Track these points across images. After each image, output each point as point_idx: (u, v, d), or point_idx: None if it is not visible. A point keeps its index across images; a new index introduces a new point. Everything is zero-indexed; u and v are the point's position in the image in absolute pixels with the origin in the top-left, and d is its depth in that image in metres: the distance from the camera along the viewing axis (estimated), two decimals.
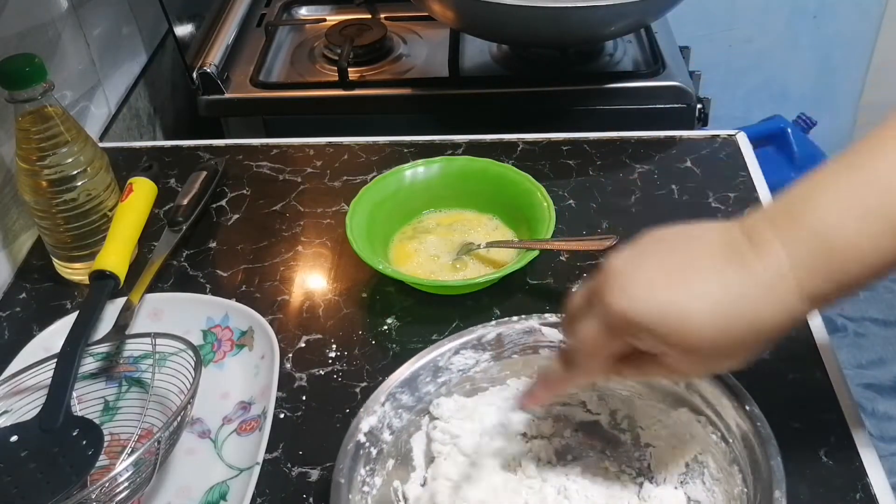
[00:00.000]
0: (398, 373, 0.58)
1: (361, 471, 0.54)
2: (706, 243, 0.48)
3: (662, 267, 0.47)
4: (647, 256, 0.48)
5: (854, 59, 1.83)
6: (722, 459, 0.54)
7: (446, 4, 1.04)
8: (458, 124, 1.01)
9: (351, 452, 0.54)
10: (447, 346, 0.60)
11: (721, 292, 0.45)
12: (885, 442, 1.64)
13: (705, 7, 1.73)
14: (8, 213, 0.82)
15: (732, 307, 0.45)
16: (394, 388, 0.58)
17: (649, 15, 1.06)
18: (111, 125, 1.02)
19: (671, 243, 0.49)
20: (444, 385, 0.60)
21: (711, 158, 0.90)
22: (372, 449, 0.56)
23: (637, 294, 0.46)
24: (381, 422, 0.57)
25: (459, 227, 0.81)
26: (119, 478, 0.55)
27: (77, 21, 0.95)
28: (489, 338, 0.61)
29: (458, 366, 0.60)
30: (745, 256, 0.46)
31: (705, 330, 0.45)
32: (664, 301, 0.46)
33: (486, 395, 0.61)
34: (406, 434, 0.58)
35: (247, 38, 1.24)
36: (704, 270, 0.46)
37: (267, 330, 0.69)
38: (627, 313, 0.46)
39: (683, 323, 0.45)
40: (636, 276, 0.47)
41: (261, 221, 0.85)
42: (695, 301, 0.45)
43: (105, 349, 0.69)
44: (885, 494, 0.58)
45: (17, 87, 0.69)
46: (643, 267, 0.47)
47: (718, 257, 0.46)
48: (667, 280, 0.46)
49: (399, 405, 0.58)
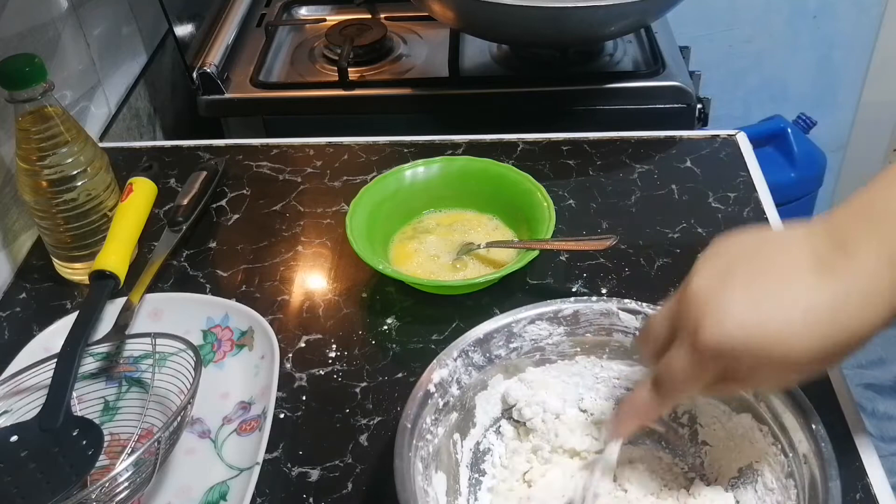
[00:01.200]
0: (472, 332, 0.60)
1: (427, 419, 0.55)
2: (791, 254, 0.46)
3: (750, 285, 0.45)
4: (730, 275, 0.46)
5: (854, 59, 1.83)
6: (779, 471, 0.54)
7: (446, 4, 1.04)
8: (458, 124, 1.02)
9: (420, 400, 0.55)
10: (524, 314, 0.61)
11: (818, 305, 0.43)
12: (885, 442, 1.64)
13: (705, 7, 1.73)
14: (8, 213, 0.82)
15: (832, 319, 0.43)
16: (467, 345, 0.59)
17: (649, 15, 1.06)
18: (111, 125, 1.02)
19: (752, 256, 0.46)
20: (515, 351, 0.61)
21: (711, 158, 0.90)
22: (440, 400, 0.57)
23: (730, 321, 0.44)
24: (451, 375, 0.58)
25: (459, 227, 0.81)
26: (119, 478, 0.55)
27: (77, 21, 0.95)
28: (566, 313, 0.61)
29: (532, 335, 0.61)
30: (836, 264, 0.44)
31: (806, 346, 0.44)
32: (760, 323, 0.44)
33: (553, 368, 0.62)
34: (472, 391, 0.60)
35: (247, 38, 1.24)
36: (796, 284, 0.44)
37: (267, 330, 0.69)
38: (723, 343, 0.44)
39: (784, 343, 0.44)
40: (724, 300, 0.45)
41: (261, 221, 0.85)
42: (793, 319, 0.44)
43: (105, 349, 0.69)
44: (885, 494, 0.58)
45: (17, 87, 0.69)
46: (729, 288, 0.45)
47: (807, 268, 0.44)
48: (758, 299, 0.44)
49: (470, 363, 0.59)
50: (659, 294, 0.74)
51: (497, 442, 0.61)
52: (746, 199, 0.84)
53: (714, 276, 0.46)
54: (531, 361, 0.62)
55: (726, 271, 0.46)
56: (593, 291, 0.75)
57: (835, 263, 0.44)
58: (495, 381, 0.61)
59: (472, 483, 0.59)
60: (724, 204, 0.84)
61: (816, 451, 0.51)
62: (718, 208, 0.83)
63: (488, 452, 0.60)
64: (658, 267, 0.77)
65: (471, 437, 0.60)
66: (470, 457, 0.59)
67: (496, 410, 0.61)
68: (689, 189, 0.86)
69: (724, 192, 0.85)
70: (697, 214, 0.82)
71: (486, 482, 0.59)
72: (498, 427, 0.61)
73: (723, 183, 0.86)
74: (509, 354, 0.61)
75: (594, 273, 0.76)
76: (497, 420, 0.61)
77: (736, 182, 0.86)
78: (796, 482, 0.52)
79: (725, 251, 0.48)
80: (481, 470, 0.60)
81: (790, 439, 0.53)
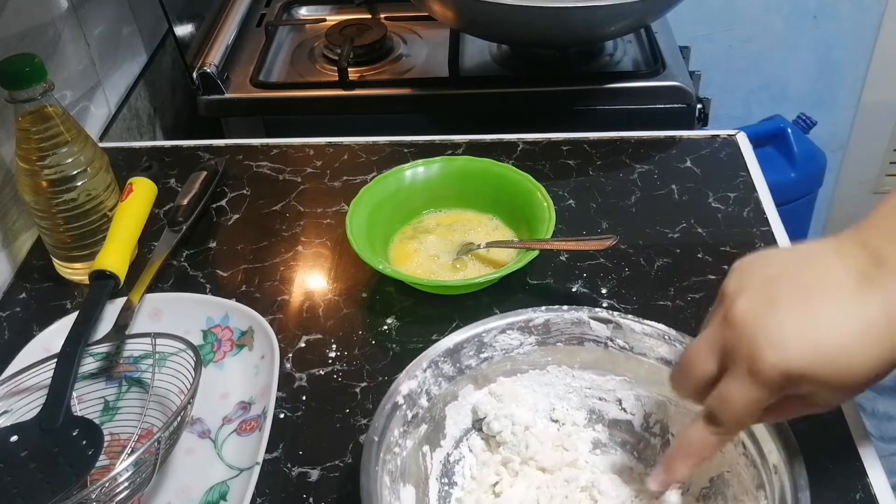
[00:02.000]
0: (442, 342, 0.59)
1: (395, 431, 0.55)
2: (831, 273, 0.45)
3: (799, 307, 0.44)
4: (776, 298, 0.45)
5: (854, 59, 1.83)
6: (749, 482, 0.53)
7: (446, 4, 1.04)
8: (458, 124, 1.02)
9: (387, 412, 0.55)
10: (494, 323, 0.60)
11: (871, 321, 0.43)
12: (885, 442, 1.64)
13: (705, 7, 1.73)
14: (8, 213, 0.82)
15: (886, 334, 0.43)
16: (437, 355, 0.58)
17: (649, 15, 1.06)
18: (111, 125, 1.02)
19: (791, 277, 0.45)
20: (486, 361, 0.60)
21: (711, 158, 0.90)
22: (408, 412, 0.56)
23: (790, 345, 0.43)
24: (420, 387, 0.57)
25: (459, 227, 0.81)
26: (119, 478, 0.55)
27: (77, 21, 0.95)
28: (537, 322, 0.61)
29: (503, 345, 0.61)
30: (876, 280, 0.44)
31: (865, 362, 0.43)
32: (819, 344, 0.43)
33: (524, 378, 0.62)
34: (442, 402, 0.59)
35: (247, 38, 1.24)
36: (845, 303, 0.44)
37: (267, 330, 0.69)
38: (786, 368, 0.43)
39: (845, 361, 0.43)
40: (777, 325, 0.44)
41: (261, 221, 0.85)
42: (850, 337, 0.43)
43: (105, 349, 0.69)
44: (885, 494, 0.58)
45: (17, 87, 0.69)
46: (778, 311, 0.44)
47: (851, 286, 0.44)
48: (812, 320, 0.43)
49: (440, 374, 0.59)
50: (659, 294, 0.74)
51: (468, 453, 0.60)
52: (746, 199, 0.84)
53: (758, 301, 0.45)
54: (502, 371, 0.61)
55: (769, 293, 0.45)
56: (593, 291, 0.75)
57: (876, 279, 0.44)
58: (465, 391, 0.60)
59: (442, 495, 0.58)
60: (724, 204, 0.84)
61: (787, 462, 0.51)
62: (718, 208, 0.83)
63: (459, 463, 0.60)
64: (658, 267, 0.77)
65: (441, 450, 0.59)
66: (440, 469, 0.58)
67: (466, 422, 0.61)
68: (689, 189, 0.86)
69: (724, 192, 0.85)
70: (697, 214, 0.82)
71: (455, 494, 0.58)
72: (468, 439, 0.61)
73: (723, 183, 0.86)
74: (480, 364, 0.60)
75: (594, 273, 0.76)
76: (467, 431, 0.61)
77: (736, 182, 0.86)
78: (766, 493, 0.52)
79: (758, 272, 0.47)
80: (452, 482, 0.59)
81: (760, 449, 0.53)
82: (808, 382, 0.44)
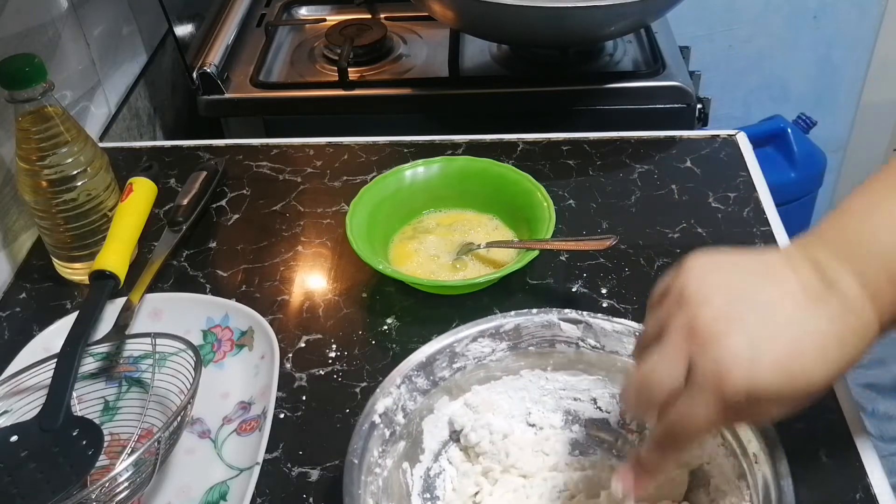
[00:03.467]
0: (415, 355, 0.59)
1: (375, 451, 0.54)
2: (786, 284, 0.46)
3: (759, 322, 0.45)
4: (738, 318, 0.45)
5: (854, 59, 1.83)
6: (730, 472, 0.54)
7: (446, 4, 1.04)
8: (458, 124, 1.02)
9: (365, 433, 0.54)
10: (465, 332, 0.60)
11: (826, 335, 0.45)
12: (885, 442, 1.64)
13: (705, 7, 1.73)
14: (8, 213, 0.82)
15: (840, 346, 0.45)
16: (410, 370, 0.58)
17: (649, 15, 1.06)
18: (111, 125, 1.02)
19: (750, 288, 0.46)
20: (460, 371, 0.60)
21: (711, 158, 0.90)
22: (385, 430, 0.56)
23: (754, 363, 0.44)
24: (395, 403, 0.57)
25: (459, 227, 0.81)
26: (119, 478, 0.55)
27: (77, 21, 0.95)
28: (507, 328, 0.61)
29: (475, 353, 0.60)
30: (826, 297, 0.45)
31: (823, 375, 0.45)
32: (782, 361, 0.44)
33: (498, 385, 0.61)
34: (419, 417, 0.59)
35: (247, 38, 1.24)
36: (800, 318, 0.45)
37: (267, 330, 0.69)
38: (751, 386, 0.44)
39: (807, 376, 0.44)
40: (740, 343, 0.44)
41: (261, 221, 0.85)
42: (809, 354, 0.44)
43: (105, 349, 0.69)
44: (885, 494, 0.58)
45: (17, 87, 0.69)
46: (741, 330, 0.44)
47: (804, 301, 0.45)
48: (772, 337, 0.44)
49: (414, 388, 0.58)
50: None
51: (447, 466, 0.60)
52: (746, 199, 0.84)
53: (723, 316, 0.45)
54: (476, 380, 0.61)
55: (733, 310, 0.45)
56: (593, 291, 0.75)
57: (825, 296, 0.45)
58: (441, 403, 0.60)
59: None
60: (724, 204, 0.84)
61: (766, 450, 0.51)
62: (718, 208, 0.83)
63: (439, 477, 0.59)
64: (658, 267, 0.77)
65: (420, 465, 0.59)
66: (421, 484, 0.58)
67: (444, 434, 0.60)
68: (689, 189, 0.86)
69: (724, 192, 0.85)
70: (697, 214, 0.82)
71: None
72: (447, 451, 0.60)
73: (723, 183, 0.86)
74: (453, 375, 0.60)
75: (594, 273, 0.76)
76: (445, 444, 0.60)
77: (736, 182, 0.86)
78: (748, 482, 0.52)
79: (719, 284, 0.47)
80: (434, 496, 0.58)
81: (739, 440, 0.53)
82: (769, 400, 0.45)
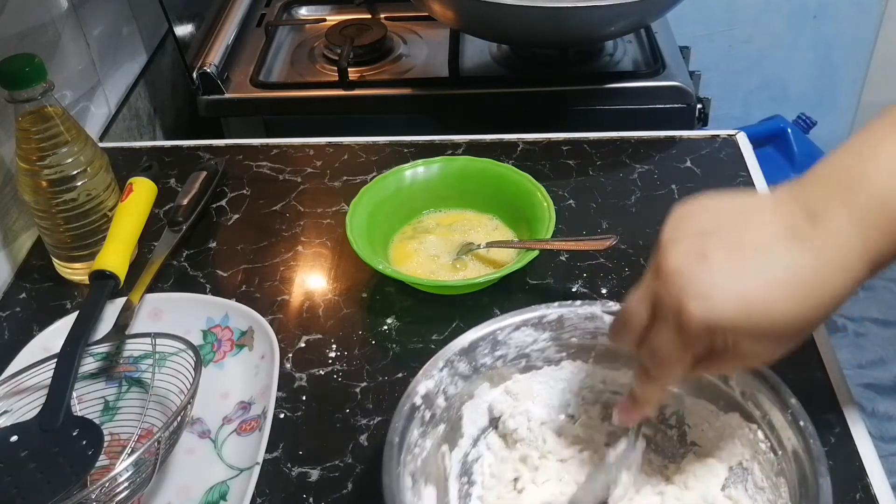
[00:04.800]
0: (458, 340, 0.59)
1: (415, 432, 0.54)
2: (765, 225, 0.46)
3: (728, 258, 0.45)
4: (707, 249, 0.45)
5: (854, 59, 1.83)
6: (769, 469, 0.54)
7: (446, 4, 1.04)
8: (458, 124, 1.02)
9: (406, 413, 0.54)
10: (508, 321, 0.60)
11: (797, 272, 0.44)
12: (885, 442, 1.64)
13: (705, 7, 1.74)
14: (8, 213, 0.82)
15: (812, 284, 0.44)
16: (452, 355, 0.58)
17: (649, 15, 1.06)
18: (111, 125, 1.02)
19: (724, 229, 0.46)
20: (501, 359, 0.60)
21: (711, 158, 0.90)
22: (426, 412, 0.56)
23: (712, 294, 0.44)
24: (437, 386, 0.57)
25: (459, 227, 0.81)
26: (119, 478, 0.55)
27: (77, 21, 0.95)
28: (550, 318, 0.60)
29: (517, 342, 0.60)
30: (809, 233, 0.45)
31: (790, 311, 0.44)
32: (744, 294, 0.44)
33: (539, 374, 0.62)
34: (459, 401, 0.59)
35: (247, 38, 1.24)
36: (774, 254, 0.44)
37: (267, 330, 0.69)
38: (710, 318, 0.44)
39: (767, 313, 0.44)
40: (705, 276, 0.44)
41: (261, 221, 0.85)
42: (775, 287, 0.44)
43: (105, 349, 0.69)
44: (885, 494, 0.58)
45: (17, 87, 0.69)
46: (708, 263, 0.45)
47: (782, 238, 0.45)
48: (739, 271, 0.44)
49: (455, 372, 0.58)
50: None
51: (486, 452, 0.60)
52: None
53: (690, 253, 0.46)
54: (517, 368, 0.61)
55: (701, 246, 0.46)
56: (593, 291, 0.75)
57: (808, 232, 0.45)
58: (481, 390, 0.60)
59: (463, 495, 0.58)
60: None
61: (805, 448, 0.51)
62: None
63: (477, 462, 0.60)
64: None
65: (459, 448, 0.59)
66: (459, 468, 0.58)
67: (483, 420, 0.61)
68: (689, 189, 0.86)
69: None
70: None
71: (475, 492, 0.58)
72: (486, 437, 0.61)
73: (723, 183, 0.86)
74: (495, 363, 0.60)
75: (594, 273, 0.76)
76: (485, 430, 0.61)
77: (736, 182, 0.86)
78: (787, 479, 0.52)
79: (693, 223, 0.47)
80: (472, 481, 0.59)
81: (778, 437, 0.53)
82: (732, 333, 0.44)
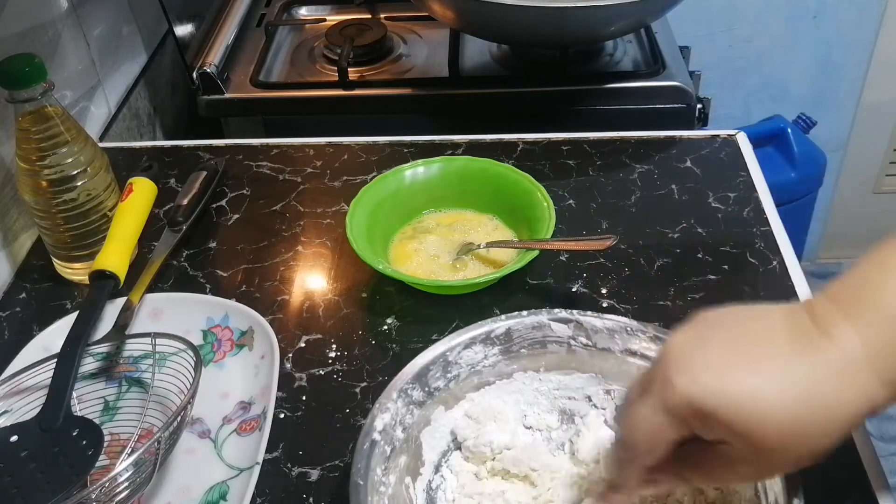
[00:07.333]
0: (409, 368, 0.58)
1: (378, 470, 0.54)
2: (771, 327, 0.45)
3: (728, 348, 0.44)
4: (710, 338, 0.45)
5: (854, 59, 1.83)
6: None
7: (446, 4, 1.04)
8: (458, 124, 1.02)
9: (367, 452, 0.54)
10: (456, 340, 0.60)
11: (793, 378, 0.42)
12: (885, 442, 1.64)
13: (705, 7, 1.73)
14: (8, 213, 0.82)
15: (806, 393, 0.42)
16: (404, 384, 0.58)
17: (649, 15, 1.06)
18: (111, 125, 1.02)
19: (732, 325, 0.46)
20: (454, 379, 0.60)
21: (711, 158, 0.90)
22: (386, 447, 0.56)
23: (703, 374, 0.43)
24: (393, 419, 0.57)
25: (459, 227, 0.81)
26: (119, 478, 0.55)
27: (77, 21, 0.95)
28: (498, 332, 0.61)
29: (468, 360, 0.60)
30: (814, 342, 0.43)
31: (779, 416, 0.42)
32: (733, 382, 0.42)
33: (492, 390, 0.61)
34: (416, 430, 0.58)
35: (247, 38, 1.24)
36: (773, 354, 0.43)
37: (267, 330, 0.69)
38: (692, 394, 0.43)
39: (756, 407, 0.42)
40: (700, 356, 0.44)
41: (261, 221, 0.85)
42: (767, 385, 0.42)
43: (105, 349, 0.69)
44: (885, 494, 0.58)
45: (17, 87, 0.69)
46: (707, 347, 0.45)
47: (785, 342, 0.44)
48: (734, 362, 0.43)
49: (410, 401, 0.58)
50: (659, 294, 0.74)
51: (449, 475, 0.60)
52: (746, 199, 0.84)
53: (691, 339, 0.45)
54: (470, 387, 0.61)
55: (704, 335, 0.46)
56: (593, 291, 0.75)
57: (813, 340, 0.43)
58: (437, 414, 0.59)
59: None
60: (724, 204, 0.84)
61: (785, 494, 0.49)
62: (718, 208, 0.83)
63: (440, 487, 0.59)
64: (658, 267, 0.77)
65: (422, 478, 0.58)
66: (424, 497, 0.58)
67: (442, 444, 0.60)
68: (689, 189, 0.86)
69: (724, 192, 0.85)
70: (697, 214, 0.82)
71: None
72: (447, 460, 0.60)
73: (723, 183, 0.86)
74: (448, 384, 0.59)
75: (594, 273, 0.76)
76: (445, 453, 0.60)
77: (736, 182, 0.86)
78: None
79: (706, 319, 0.47)
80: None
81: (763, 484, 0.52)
82: (717, 423, 0.43)
